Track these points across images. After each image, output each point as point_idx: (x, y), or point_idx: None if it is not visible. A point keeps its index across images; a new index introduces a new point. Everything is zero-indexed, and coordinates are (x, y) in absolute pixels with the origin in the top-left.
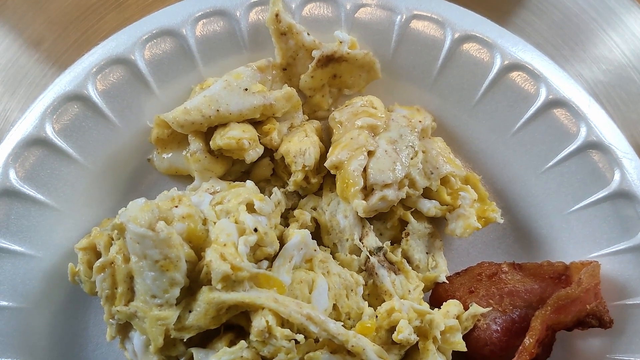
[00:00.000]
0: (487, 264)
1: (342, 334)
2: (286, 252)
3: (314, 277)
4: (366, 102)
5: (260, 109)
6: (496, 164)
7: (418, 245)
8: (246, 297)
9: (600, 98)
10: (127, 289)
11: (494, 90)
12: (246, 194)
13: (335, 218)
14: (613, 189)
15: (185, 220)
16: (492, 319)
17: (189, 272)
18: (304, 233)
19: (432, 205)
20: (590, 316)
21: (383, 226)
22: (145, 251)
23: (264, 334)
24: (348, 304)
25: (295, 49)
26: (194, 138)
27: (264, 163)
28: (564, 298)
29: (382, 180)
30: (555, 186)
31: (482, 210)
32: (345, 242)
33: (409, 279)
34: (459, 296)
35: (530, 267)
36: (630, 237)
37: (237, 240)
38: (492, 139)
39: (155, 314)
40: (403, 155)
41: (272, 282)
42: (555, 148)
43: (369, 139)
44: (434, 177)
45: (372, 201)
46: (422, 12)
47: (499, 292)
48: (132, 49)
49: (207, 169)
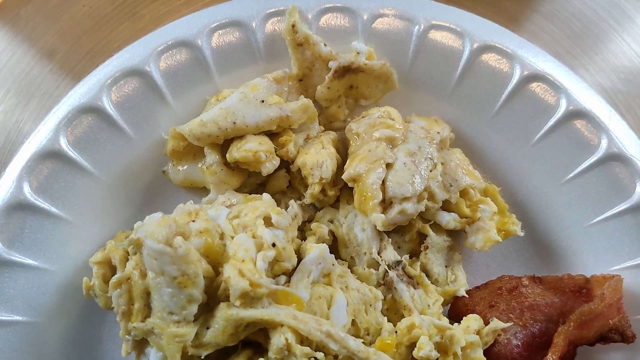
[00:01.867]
0: (507, 278)
1: (362, 352)
2: (304, 267)
3: (332, 293)
4: (383, 113)
5: (276, 120)
6: (516, 175)
7: (437, 258)
8: (265, 314)
9: (619, 107)
10: (143, 305)
11: (514, 101)
12: (263, 207)
13: (352, 231)
14: (635, 202)
15: (203, 235)
16: (513, 333)
17: (206, 288)
18: (322, 247)
19: (451, 218)
20: (613, 331)
21: (401, 239)
22: (162, 267)
23: (283, 352)
24: (367, 320)
25: (311, 59)
26: (210, 150)
27: (280, 175)
28: (587, 314)
29: (401, 193)
30: (576, 198)
31: (502, 222)
32: (363, 255)
33: (428, 293)
34: (479, 310)
35: (550, 281)
36: None
37: (255, 255)
38: (512, 150)
39: (172, 330)
40: (422, 167)
41: (291, 298)
42: (575, 159)
43: (387, 151)
44: (453, 189)
45: (390, 215)
46: (441, 22)
47: (519, 306)
48: (147, 60)
49: (223, 182)
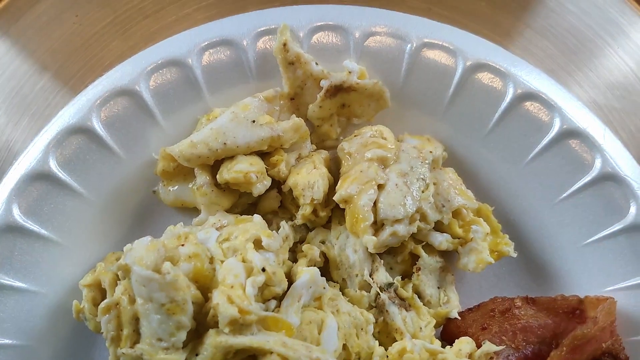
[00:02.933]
0: (500, 300)
1: None
2: (295, 291)
3: (323, 317)
4: (376, 132)
5: (268, 141)
6: (509, 194)
7: (429, 280)
8: (254, 342)
9: (614, 124)
10: (132, 331)
11: (507, 120)
12: (254, 229)
13: (344, 252)
14: (629, 222)
15: (192, 259)
16: (505, 356)
17: (195, 314)
18: (313, 271)
19: (443, 239)
20: (606, 354)
21: (393, 260)
22: (151, 294)
23: None
24: (358, 344)
25: (303, 78)
26: (201, 171)
27: (272, 195)
28: (580, 338)
29: (393, 215)
30: (570, 218)
31: (495, 243)
32: (355, 277)
33: (420, 316)
34: (471, 333)
35: (543, 302)
36: None
37: (244, 281)
38: (505, 169)
39: (161, 357)
40: (414, 188)
41: (281, 324)
42: (569, 179)
43: (379, 172)
44: (445, 210)
45: (382, 237)
46: (433, 40)
47: (512, 328)
48: (137, 80)
49: (213, 203)
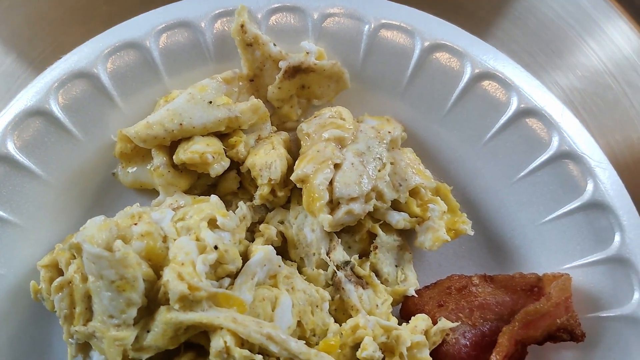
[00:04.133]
0: (457, 277)
1: (303, 353)
2: (249, 269)
3: (277, 294)
4: (335, 113)
5: (225, 121)
6: (468, 174)
7: (387, 258)
8: (204, 318)
9: (576, 105)
10: (85, 309)
11: (465, 100)
12: (209, 209)
13: (302, 232)
14: (586, 200)
15: (144, 238)
16: (462, 333)
17: (147, 291)
18: (267, 249)
19: (401, 218)
20: (561, 330)
21: (351, 239)
22: (101, 271)
23: (223, 355)
24: (313, 321)
25: (261, 60)
26: (157, 152)
27: (231, 176)
28: (533, 313)
29: (348, 193)
30: (528, 196)
31: (453, 222)
32: (312, 256)
33: (377, 293)
34: (427, 310)
35: (501, 280)
36: (604, 249)
37: (196, 258)
38: (464, 149)
39: (112, 334)
40: (370, 167)
41: (232, 301)
42: (527, 158)
43: (336, 152)
44: (402, 189)
45: (338, 215)
46: (391, 20)
47: (469, 305)
48: (94, 63)
49: (171, 184)
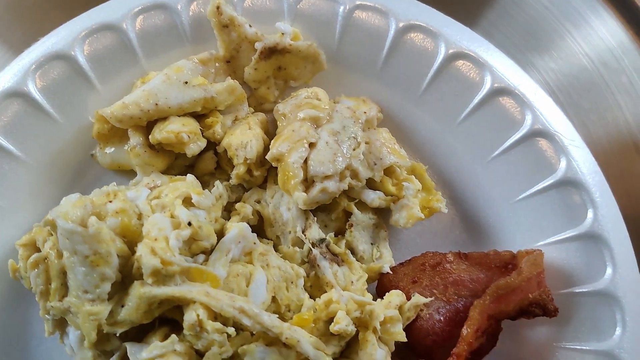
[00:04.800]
0: (431, 254)
1: (276, 327)
2: (223, 245)
3: (251, 271)
4: (311, 93)
5: (201, 102)
6: (443, 153)
7: (362, 236)
8: (177, 292)
9: (551, 86)
10: (60, 285)
11: (439, 80)
12: (184, 187)
13: (278, 211)
14: (559, 177)
15: (119, 215)
16: (436, 308)
17: (121, 267)
18: (242, 226)
19: (376, 196)
20: (534, 305)
21: (327, 218)
22: (74, 247)
23: (195, 328)
24: (288, 296)
25: (237, 41)
26: (134, 132)
27: (208, 157)
28: (504, 287)
29: (322, 171)
30: (502, 175)
31: (427, 200)
32: (288, 234)
33: (352, 270)
34: (402, 286)
35: (476, 257)
36: (577, 225)
37: (169, 234)
38: (439, 128)
39: (87, 309)
40: (345, 146)
41: (206, 276)
42: (501, 136)
43: (311, 131)
44: (377, 167)
45: (312, 193)
46: (365, 2)
47: (443, 281)
48: (71, 45)
49: (147, 164)
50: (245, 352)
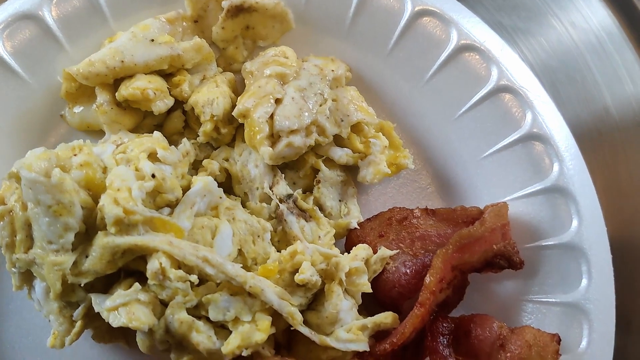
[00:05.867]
0: (398, 209)
1: (240, 276)
2: (188, 198)
3: (217, 223)
4: (278, 52)
5: (167, 59)
6: (412, 112)
7: (330, 193)
8: (139, 241)
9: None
10: (25, 237)
11: (406, 38)
12: (150, 143)
13: (246, 168)
14: (525, 132)
15: (83, 168)
16: (402, 262)
17: (86, 218)
18: (207, 180)
19: (343, 153)
20: (499, 257)
21: (296, 175)
22: (37, 197)
23: (158, 276)
24: (254, 250)
25: (205, 0)
26: (101, 90)
27: (176, 115)
28: (467, 237)
29: (288, 126)
30: (469, 132)
31: (394, 157)
32: (256, 191)
33: (319, 226)
34: (369, 241)
35: (443, 213)
36: (543, 179)
37: (132, 185)
38: (407, 87)
39: (51, 259)
40: (311, 102)
41: (169, 226)
42: (468, 93)
43: (277, 87)
44: (344, 124)
45: (278, 148)
46: None
47: (409, 236)
48: (39, 5)
49: (114, 122)
50: (210, 301)
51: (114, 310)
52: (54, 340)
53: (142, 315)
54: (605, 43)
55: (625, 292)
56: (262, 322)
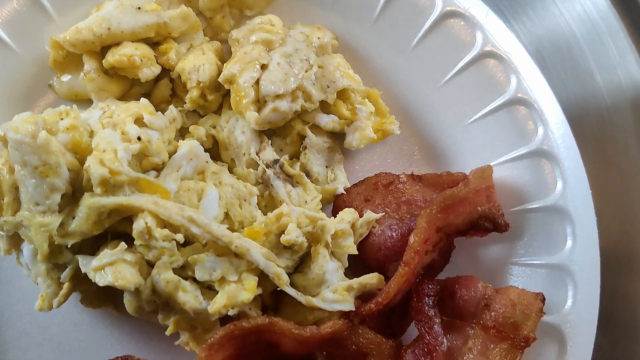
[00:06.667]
0: (384, 174)
1: (226, 236)
2: (174, 162)
3: (203, 187)
4: (265, 20)
5: (154, 27)
6: (398, 80)
7: (317, 159)
8: (124, 200)
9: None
10: (13, 199)
11: (391, 6)
12: (136, 108)
13: (233, 134)
14: (510, 96)
15: (70, 131)
16: (388, 225)
17: (72, 180)
18: (193, 143)
19: (329, 120)
20: (483, 219)
21: (283, 142)
22: (24, 157)
23: (144, 236)
24: (241, 213)
25: None
26: (88, 58)
27: (163, 84)
28: (450, 198)
29: (273, 90)
30: (455, 98)
31: (381, 123)
32: (243, 156)
33: (306, 191)
34: (355, 205)
35: (429, 178)
36: (527, 143)
37: (118, 147)
38: (393, 55)
39: (38, 220)
40: (296, 68)
41: (155, 187)
42: (453, 60)
43: (263, 53)
44: (330, 90)
45: (264, 113)
46: None
47: (395, 200)
48: None
49: (102, 89)
50: (196, 261)
51: (100, 269)
52: (42, 303)
53: (129, 274)
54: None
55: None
56: (248, 282)
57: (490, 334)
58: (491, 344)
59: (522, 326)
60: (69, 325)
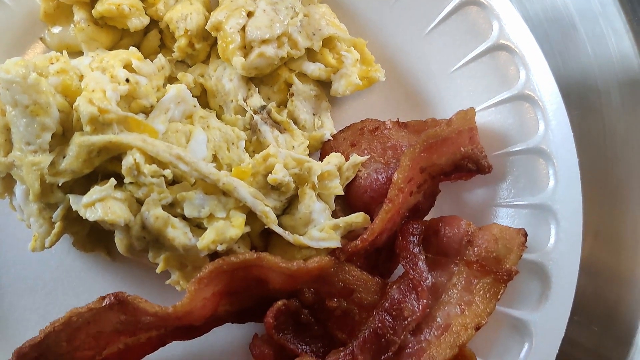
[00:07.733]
0: (370, 120)
1: (213, 173)
2: (162, 104)
3: (191, 129)
4: None
5: None
6: (382, 30)
7: (304, 106)
8: (113, 138)
9: None
10: (4, 141)
11: None
12: (125, 54)
13: (220, 82)
14: (492, 42)
15: (60, 75)
16: (374, 169)
17: (62, 121)
18: (180, 87)
19: (316, 67)
20: (467, 159)
21: (270, 90)
22: (15, 97)
23: (133, 172)
24: (229, 156)
25: None
26: (78, 8)
27: (152, 35)
28: (433, 137)
29: (259, 36)
30: (440, 46)
31: (366, 71)
32: (230, 103)
33: (293, 137)
34: (342, 150)
35: (414, 124)
36: (510, 87)
37: (106, 87)
38: (377, 5)
39: (29, 159)
40: (282, 14)
41: (143, 127)
42: (435, 8)
43: (249, 1)
44: (315, 38)
45: (250, 58)
46: None
47: (381, 145)
48: None
49: (92, 39)
50: (184, 199)
51: (90, 205)
52: (34, 243)
53: (118, 210)
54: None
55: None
56: (236, 219)
57: (473, 269)
58: (475, 279)
59: (505, 260)
60: (62, 271)
